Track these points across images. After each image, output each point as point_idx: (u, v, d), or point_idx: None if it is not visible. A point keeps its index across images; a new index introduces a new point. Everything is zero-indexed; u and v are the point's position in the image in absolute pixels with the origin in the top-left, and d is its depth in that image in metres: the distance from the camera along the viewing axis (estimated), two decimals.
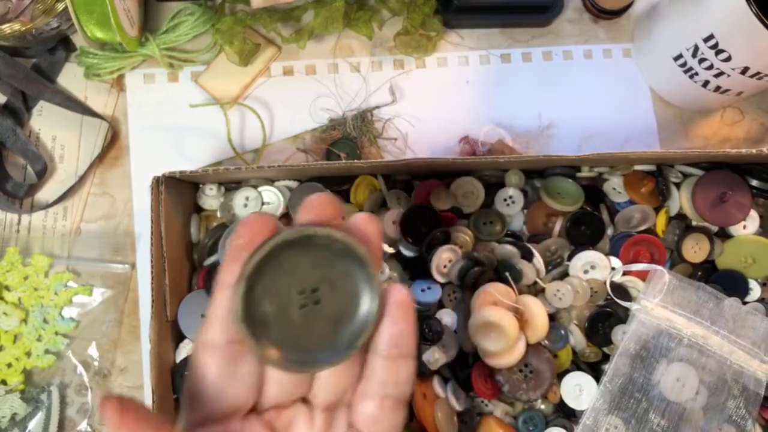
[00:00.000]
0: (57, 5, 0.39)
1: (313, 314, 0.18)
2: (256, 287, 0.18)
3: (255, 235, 0.18)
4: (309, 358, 0.18)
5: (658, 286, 0.34)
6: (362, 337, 0.18)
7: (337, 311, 0.19)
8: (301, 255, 0.18)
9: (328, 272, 0.18)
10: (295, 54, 0.45)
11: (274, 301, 0.18)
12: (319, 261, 0.18)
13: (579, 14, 0.47)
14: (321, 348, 0.18)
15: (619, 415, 0.33)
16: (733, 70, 0.38)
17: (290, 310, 0.18)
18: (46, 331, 0.40)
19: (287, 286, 0.18)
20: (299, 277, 0.18)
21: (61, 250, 0.41)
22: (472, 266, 0.36)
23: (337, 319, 0.19)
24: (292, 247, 0.18)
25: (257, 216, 0.19)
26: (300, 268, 0.18)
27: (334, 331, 0.19)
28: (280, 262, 0.18)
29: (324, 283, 0.18)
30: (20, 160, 0.42)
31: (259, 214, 0.19)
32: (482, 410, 0.37)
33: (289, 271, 0.18)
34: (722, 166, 0.38)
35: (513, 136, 0.44)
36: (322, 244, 0.18)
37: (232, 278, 0.18)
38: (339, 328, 0.19)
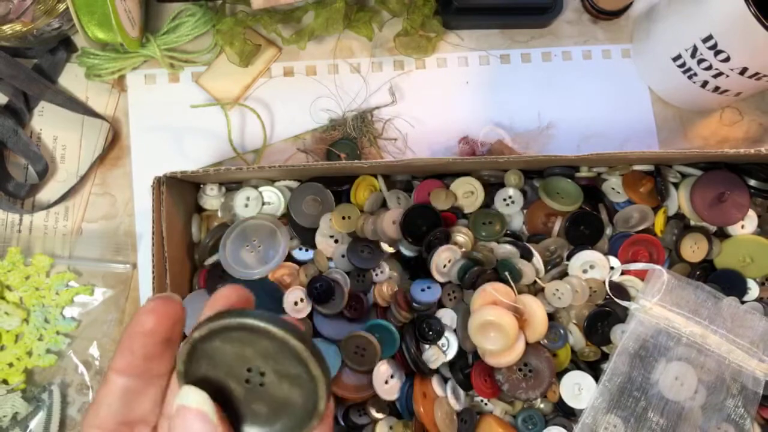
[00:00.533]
0: (58, 6, 0.39)
1: (254, 392, 0.18)
2: (203, 352, 0.18)
3: (158, 325, 0.18)
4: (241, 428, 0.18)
5: (657, 286, 0.35)
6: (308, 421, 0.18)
7: (278, 402, 0.18)
8: (258, 340, 0.18)
9: (280, 366, 0.18)
10: (296, 55, 0.45)
11: (219, 369, 0.18)
12: (273, 354, 0.18)
13: (578, 15, 0.47)
14: (255, 424, 0.19)
15: (618, 414, 0.34)
16: (732, 71, 0.38)
17: (234, 380, 0.18)
18: (47, 331, 0.40)
19: (236, 358, 0.18)
20: (251, 356, 0.18)
21: (62, 250, 0.41)
22: (472, 266, 0.36)
23: (276, 408, 0.18)
24: (246, 330, 0.18)
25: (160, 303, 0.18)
26: (253, 350, 0.18)
27: (272, 414, 0.19)
28: (232, 338, 0.18)
29: (273, 374, 0.18)
30: (21, 161, 0.42)
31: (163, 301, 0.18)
32: (482, 409, 0.37)
33: (241, 348, 0.18)
34: (721, 166, 0.39)
35: (512, 136, 0.44)
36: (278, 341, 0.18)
37: (123, 364, 0.18)
38: (275, 416, 0.18)
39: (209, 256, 0.39)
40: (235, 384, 0.18)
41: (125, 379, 0.18)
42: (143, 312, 0.18)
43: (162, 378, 0.19)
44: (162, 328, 0.18)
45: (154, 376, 0.19)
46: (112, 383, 0.18)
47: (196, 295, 0.38)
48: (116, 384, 0.18)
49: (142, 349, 0.18)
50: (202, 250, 0.39)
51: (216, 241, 0.38)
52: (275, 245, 0.37)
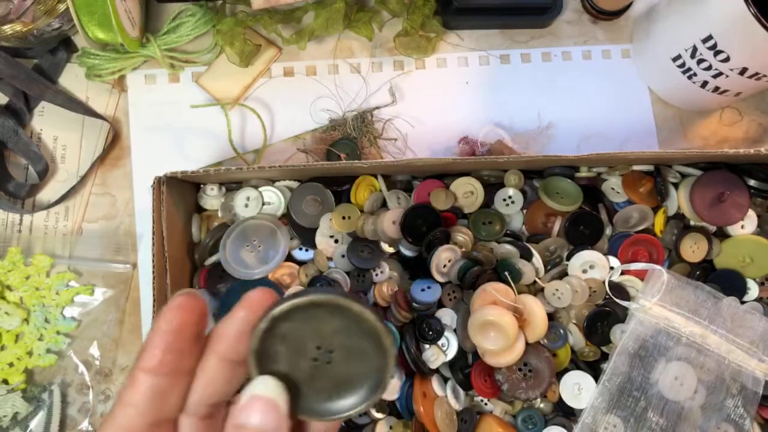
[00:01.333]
0: (58, 6, 0.39)
1: (320, 370, 0.19)
2: (277, 328, 0.19)
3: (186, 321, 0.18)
4: (300, 404, 0.19)
5: (657, 286, 0.35)
6: (351, 412, 0.19)
7: (342, 379, 0.19)
8: (330, 318, 0.19)
9: (349, 343, 0.19)
10: (296, 55, 0.45)
11: (290, 346, 0.19)
12: (345, 330, 0.19)
13: (578, 15, 0.47)
14: (314, 401, 0.19)
15: (618, 413, 0.34)
16: (732, 71, 0.38)
17: (301, 358, 0.19)
18: (47, 331, 0.40)
19: (306, 337, 0.19)
20: (321, 335, 0.19)
21: (62, 249, 0.41)
22: (472, 266, 0.36)
23: (338, 385, 0.19)
24: (322, 308, 0.19)
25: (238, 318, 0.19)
26: (325, 328, 0.19)
27: (332, 393, 0.19)
28: (308, 317, 0.19)
29: (341, 351, 0.19)
30: (22, 161, 0.42)
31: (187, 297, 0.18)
32: (482, 409, 0.37)
33: (313, 325, 0.19)
34: (720, 166, 0.39)
35: (512, 136, 0.44)
36: (353, 317, 0.19)
37: (153, 363, 0.18)
38: (337, 394, 0.19)
39: (209, 256, 0.39)
40: (302, 361, 0.19)
41: (154, 378, 0.18)
42: (170, 309, 0.18)
43: (189, 374, 0.19)
44: (190, 324, 0.18)
45: (181, 373, 0.18)
46: (140, 383, 0.18)
47: None
48: (145, 384, 0.18)
49: (171, 347, 0.18)
50: (202, 250, 0.39)
51: (216, 241, 0.38)
52: (275, 245, 0.37)
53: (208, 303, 0.37)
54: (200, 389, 0.19)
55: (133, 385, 0.18)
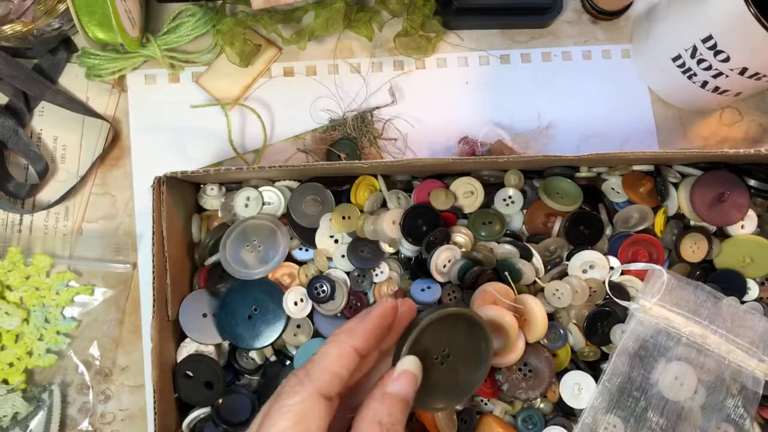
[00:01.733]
0: (58, 6, 0.39)
1: (439, 368, 0.26)
2: (423, 333, 0.25)
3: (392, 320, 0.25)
4: (423, 396, 0.25)
5: (657, 286, 0.35)
6: (463, 397, 0.27)
7: (457, 371, 0.26)
8: (452, 327, 0.26)
9: (464, 345, 0.27)
10: (296, 55, 0.45)
11: (427, 342, 0.25)
12: (461, 335, 0.26)
13: (578, 15, 0.47)
14: (434, 393, 0.26)
15: (618, 413, 0.34)
16: (732, 71, 0.38)
17: (430, 360, 0.26)
18: (47, 331, 0.40)
19: (436, 344, 0.26)
20: (444, 342, 0.26)
21: (62, 249, 0.41)
22: (472, 266, 0.36)
23: (454, 376, 0.26)
24: (448, 319, 0.26)
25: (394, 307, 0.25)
26: (447, 336, 0.26)
27: (448, 385, 0.26)
28: (438, 327, 0.26)
29: (457, 352, 0.26)
30: (22, 161, 0.43)
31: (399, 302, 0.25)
32: (482, 409, 0.37)
33: (441, 335, 0.26)
34: (720, 166, 0.39)
35: (512, 136, 0.44)
36: (478, 336, 0.27)
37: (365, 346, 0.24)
38: (452, 384, 0.26)
39: (209, 256, 0.39)
40: (429, 360, 0.25)
41: (357, 357, 0.23)
42: (391, 308, 0.25)
43: (370, 359, 0.25)
44: (392, 324, 0.25)
45: (367, 357, 0.24)
46: (351, 358, 0.23)
47: (196, 295, 0.38)
48: (354, 360, 0.23)
49: (376, 337, 0.24)
50: (202, 250, 0.39)
51: (216, 241, 0.38)
52: (275, 245, 0.37)
53: (207, 303, 0.37)
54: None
55: (343, 357, 0.23)
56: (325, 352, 0.23)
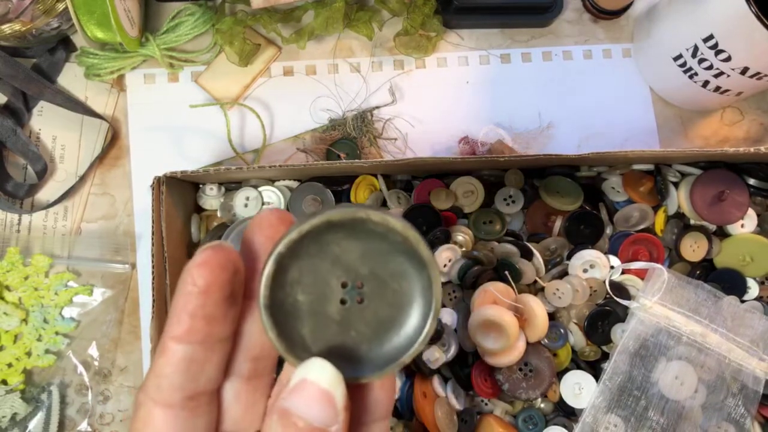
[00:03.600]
0: (57, 5, 0.39)
1: (353, 313, 0.15)
2: (289, 270, 0.15)
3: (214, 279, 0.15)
4: (340, 365, 0.15)
5: (657, 285, 0.35)
6: (407, 356, 0.15)
7: (382, 316, 0.15)
8: (350, 241, 0.15)
9: (380, 268, 0.15)
10: (296, 54, 0.45)
11: (309, 290, 0.15)
12: (371, 252, 0.15)
13: (579, 14, 0.47)
14: (356, 356, 0.15)
15: (619, 413, 0.34)
16: (733, 71, 0.38)
17: (328, 304, 0.15)
18: (46, 331, 0.40)
19: (328, 274, 0.15)
20: (344, 267, 0.15)
21: (61, 250, 0.41)
22: (472, 265, 0.36)
23: (380, 325, 0.15)
24: (339, 230, 0.15)
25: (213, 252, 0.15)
26: (346, 256, 0.15)
27: (375, 339, 0.15)
28: (323, 245, 0.15)
29: (372, 281, 0.15)
30: (21, 160, 0.42)
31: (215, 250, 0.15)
32: (482, 409, 0.37)
33: (332, 257, 0.15)
34: (720, 166, 0.39)
35: (513, 136, 0.44)
36: (377, 233, 0.15)
37: (182, 330, 0.15)
38: (381, 337, 0.15)
39: None
40: (330, 307, 0.15)
41: (186, 347, 0.15)
42: (194, 266, 0.15)
43: (226, 342, 0.16)
44: (220, 281, 0.15)
45: (217, 340, 0.16)
46: (171, 353, 0.15)
47: None
48: (177, 354, 0.15)
49: (201, 311, 0.15)
50: None
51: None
52: None
53: None
54: (242, 351, 0.16)
55: (164, 355, 0.15)
56: (156, 352, 0.16)
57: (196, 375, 0.15)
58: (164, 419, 0.15)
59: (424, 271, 0.15)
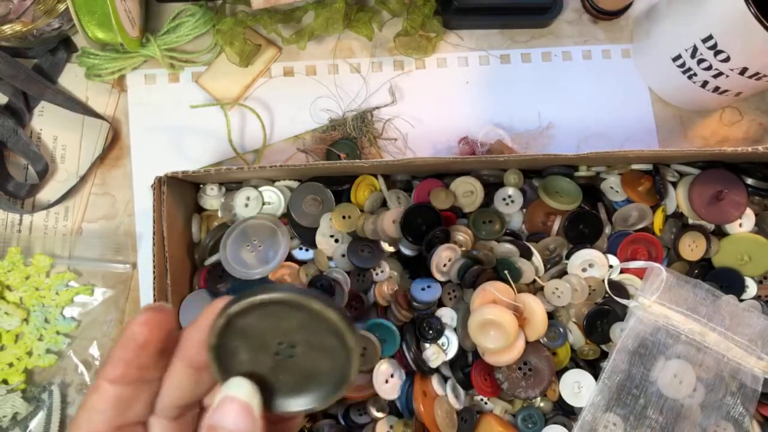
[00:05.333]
0: (58, 6, 0.39)
1: (283, 364, 0.19)
2: (237, 323, 0.18)
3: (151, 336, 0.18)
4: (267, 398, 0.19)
5: (656, 284, 0.35)
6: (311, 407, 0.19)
7: (306, 373, 0.19)
8: (291, 314, 0.19)
9: (312, 339, 0.19)
10: (296, 55, 0.45)
11: (249, 341, 0.19)
12: (307, 326, 0.19)
13: (578, 15, 0.47)
14: (282, 394, 0.19)
15: (618, 411, 0.34)
16: (732, 71, 0.38)
17: (263, 353, 0.19)
18: (47, 331, 0.40)
19: (267, 333, 0.19)
20: (282, 331, 0.19)
21: (62, 250, 0.41)
22: (472, 265, 0.36)
23: (302, 379, 0.19)
24: (282, 305, 0.18)
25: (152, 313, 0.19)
26: (285, 324, 0.19)
27: (299, 385, 0.19)
28: (266, 313, 0.18)
29: (304, 346, 0.19)
30: (21, 161, 0.42)
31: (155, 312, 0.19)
32: (482, 408, 0.38)
33: (273, 322, 0.19)
34: (718, 166, 0.39)
35: (512, 136, 0.44)
36: (313, 315, 0.18)
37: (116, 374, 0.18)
38: (305, 385, 0.19)
39: (209, 256, 0.39)
40: (264, 356, 0.19)
41: (118, 387, 0.18)
42: (136, 324, 0.18)
43: (155, 382, 0.19)
44: (156, 339, 0.18)
45: (145, 382, 0.19)
46: (104, 391, 0.18)
47: (196, 295, 0.38)
48: (108, 392, 0.18)
49: (136, 360, 0.18)
50: (203, 250, 0.39)
51: (216, 241, 0.38)
52: (275, 245, 0.38)
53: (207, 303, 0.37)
54: (168, 393, 0.19)
55: (96, 392, 0.18)
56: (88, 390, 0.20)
57: (125, 411, 0.19)
58: None
59: (347, 354, 0.19)
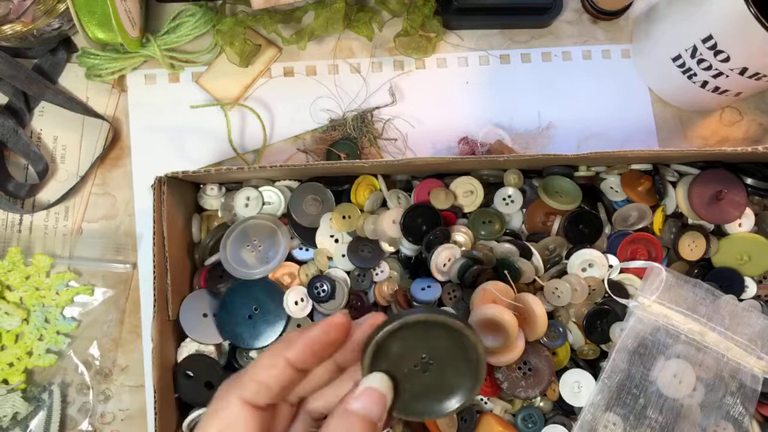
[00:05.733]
0: (58, 6, 0.39)
1: (416, 375, 0.23)
2: (400, 332, 0.22)
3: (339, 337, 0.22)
4: (407, 405, 0.23)
5: (655, 284, 0.35)
6: (430, 417, 0.24)
7: (431, 387, 0.23)
8: (445, 337, 0.23)
9: (447, 357, 0.23)
10: (296, 55, 0.45)
11: (400, 350, 0.23)
12: (451, 350, 0.23)
13: (578, 15, 0.47)
14: (419, 401, 0.23)
15: (618, 411, 0.34)
16: (732, 71, 0.38)
17: (406, 362, 0.23)
18: (47, 331, 0.40)
19: (418, 346, 0.23)
20: (429, 348, 0.23)
21: (62, 249, 0.41)
22: (472, 265, 0.36)
23: (427, 390, 0.23)
24: (443, 329, 0.22)
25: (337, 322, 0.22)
26: (435, 343, 0.23)
27: (425, 395, 0.23)
28: (427, 330, 0.23)
29: (439, 365, 0.23)
30: (22, 161, 0.42)
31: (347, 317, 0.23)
32: (482, 408, 0.38)
33: (428, 339, 0.23)
34: (718, 166, 0.39)
35: (512, 136, 0.45)
36: (463, 343, 0.23)
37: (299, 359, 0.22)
38: (422, 398, 0.23)
39: (209, 256, 0.39)
40: (404, 365, 0.23)
41: (290, 369, 0.22)
42: (333, 323, 0.22)
43: (305, 375, 0.23)
44: (341, 340, 0.22)
45: (307, 372, 0.23)
46: (281, 369, 0.22)
47: (196, 295, 0.38)
48: (287, 372, 0.22)
49: (320, 352, 0.22)
50: (203, 250, 0.39)
51: (216, 241, 0.38)
52: (276, 245, 0.38)
53: (208, 303, 0.37)
54: (304, 383, 0.23)
55: (274, 367, 0.22)
56: (258, 360, 0.22)
57: (284, 391, 0.22)
58: (254, 418, 0.21)
59: (473, 383, 0.23)
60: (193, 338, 0.37)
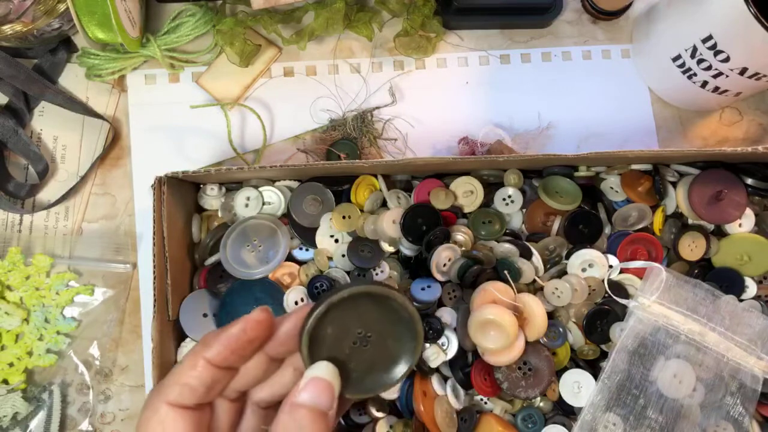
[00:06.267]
0: (58, 6, 0.39)
1: (358, 352, 0.23)
2: (330, 313, 0.22)
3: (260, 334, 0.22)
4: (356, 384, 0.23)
5: (656, 284, 0.35)
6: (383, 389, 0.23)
7: (375, 361, 0.23)
8: (373, 307, 0.23)
9: (386, 330, 0.23)
10: (296, 55, 0.45)
11: (335, 332, 0.23)
12: (384, 318, 0.23)
13: (578, 15, 0.47)
14: (351, 380, 0.23)
15: (617, 411, 0.34)
16: (732, 71, 0.38)
17: (344, 341, 0.23)
18: (47, 331, 0.40)
19: (351, 323, 0.23)
20: (363, 322, 0.23)
21: (62, 249, 0.41)
22: (472, 265, 0.36)
23: (371, 365, 0.23)
24: (369, 298, 0.22)
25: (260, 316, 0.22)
26: (367, 316, 0.23)
27: (372, 369, 0.23)
28: (355, 305, 0.23)
29: (378, 335, 0.23)
30: (22, 161, 0.43)
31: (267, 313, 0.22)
32: (482, 408, 0.38)
33: (358, 314, 0.23)
34: (718, 166, 0.39)
35: (512, 136, 0.45)
36: (393, 307, 0.23)
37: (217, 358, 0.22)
38: (368, 373, 0.23)
39: (209, 255, 0.39)
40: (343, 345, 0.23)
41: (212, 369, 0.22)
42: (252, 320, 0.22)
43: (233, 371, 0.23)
44: (262, 337, 0.22)
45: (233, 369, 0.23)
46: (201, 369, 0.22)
47: (196, 295, 0.38)
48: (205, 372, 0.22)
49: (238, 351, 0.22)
50: (203, 250, 0.39)
51: (216, 241, 0.38)
52: (276, 245, 0.38)
53: (208, 303, 0.37)
54: (237, 379, 0.23)
55: (194, 368, 0.22)
56: (180, 363, 0.22)
57: (211, 391, 0.22)
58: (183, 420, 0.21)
59: (414, 341, 0.23)
60: (193, 338, 0.37)
